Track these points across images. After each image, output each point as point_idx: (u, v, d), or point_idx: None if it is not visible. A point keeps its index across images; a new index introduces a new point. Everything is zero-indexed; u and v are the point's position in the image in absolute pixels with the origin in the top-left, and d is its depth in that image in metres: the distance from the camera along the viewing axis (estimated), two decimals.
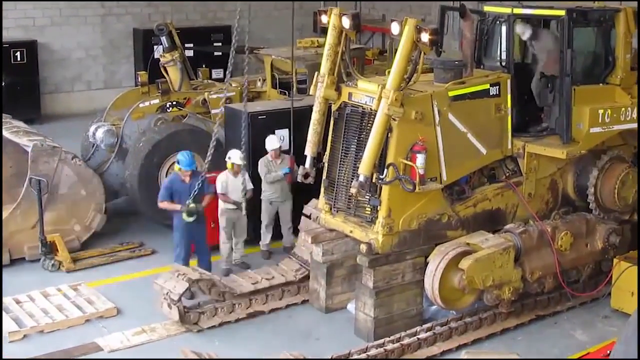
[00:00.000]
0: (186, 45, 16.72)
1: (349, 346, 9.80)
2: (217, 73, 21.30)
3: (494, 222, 10.87)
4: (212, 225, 12.54)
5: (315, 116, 10.53)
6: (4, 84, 20.15)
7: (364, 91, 10.22)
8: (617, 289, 10.89)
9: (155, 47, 18.18)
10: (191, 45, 20.80)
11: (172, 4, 23.57)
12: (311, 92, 10.81)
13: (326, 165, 10.74)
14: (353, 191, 9.93)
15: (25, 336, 10.30)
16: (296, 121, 12.36)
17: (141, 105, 14.25)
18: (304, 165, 10.82)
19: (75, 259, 12.47)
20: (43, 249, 12.25)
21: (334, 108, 10.60)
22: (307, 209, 11.80)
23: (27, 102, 20.75)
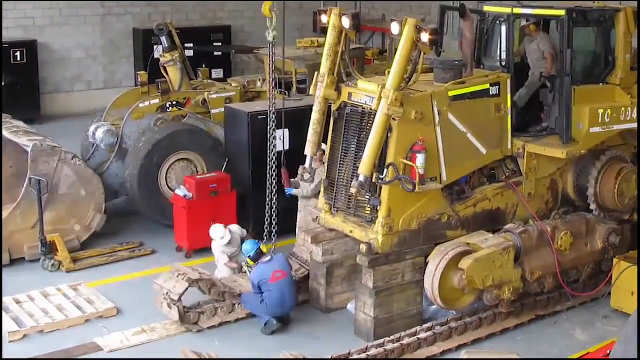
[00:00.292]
0: (186, 45, 16.69)
1: (349, 346, 9.80)
2: (217, 73, 21.35)
3: (494, 222, 10.87)
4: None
5: (315, 116, 10.52)
6: (4, 84, 20.11)
7: (364, 91, 10.21)
8: (617, 289, 10.88)
9: (155, 47, 18.18)
10: (191, 45, 20.75)
11: (172, 4, 23.55)
12: (311, 92, 10.80)
13: (326, 166, 10.75)
14: (353, 191, 9.93)
15: (25, 336, 10.29)
16: (296, 121, 12.38)
17: (141, 105, 14.23)
18: (304, 165, 10.83)
19: (75, 259, 12.46)
20: (43, 249, 12.24)
21: (334, 108, 10.59)
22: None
23: (27, 102, 20.73)
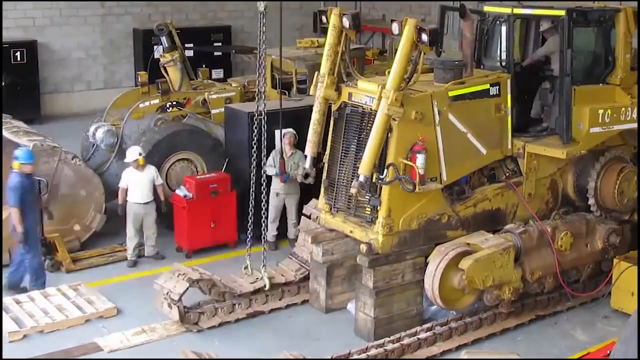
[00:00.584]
0: (186, 45, 16.71)
1: (349, 346, 9.80)
2: (217, 73, 21.36)
3: (494, 222, 10.87)
4: (212, 225, 12.56)
5: (315, 116, 10.53)
6: (4, 84, 20.12)
7: (364, 91, 10.21)
8: (617, 289, 10.88)
9: (155, 47, 18.20)
10: (191, 45, 20.78)
11: (172, 4, 23.56)
12: (311, 92, 10.81)
13: (326, 165, 10.74)
14: (353, 191, 9.93)
15: (25, 336, 10.29)
16: (296, 121, 12.37)
17: (141, 105, 14.24)
18: (304, 165, 10.84)
19: (75, 259, 12.47)
20: (43, 249, 12.22)
21: (334, 108, 10.59)
22: (307, 209, 11.81)
23: (27, 102, 20.75)
